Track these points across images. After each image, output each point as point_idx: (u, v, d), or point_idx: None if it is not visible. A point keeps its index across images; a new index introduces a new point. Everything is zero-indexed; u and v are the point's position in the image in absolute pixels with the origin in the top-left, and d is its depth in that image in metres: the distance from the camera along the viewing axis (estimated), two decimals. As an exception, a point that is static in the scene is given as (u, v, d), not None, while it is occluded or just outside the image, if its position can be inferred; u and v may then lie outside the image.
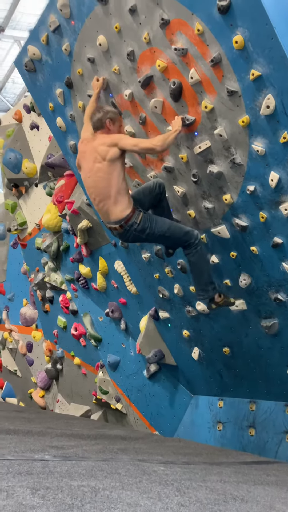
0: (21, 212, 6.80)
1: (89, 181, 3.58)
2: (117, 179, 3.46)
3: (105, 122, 3.56)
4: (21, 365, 7.71)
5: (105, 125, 3.57)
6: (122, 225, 3.48)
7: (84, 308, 5.99)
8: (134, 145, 3.42)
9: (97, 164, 3.49)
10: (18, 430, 3.80)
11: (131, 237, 3.56)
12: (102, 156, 3.46)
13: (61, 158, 5.55)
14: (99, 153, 3.47)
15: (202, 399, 4.70)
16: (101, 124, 3.57)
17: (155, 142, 3.38)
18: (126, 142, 3.44)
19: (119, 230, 3.52)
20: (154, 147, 3.37)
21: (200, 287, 3.66)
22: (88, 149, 3.58)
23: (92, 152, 3.53)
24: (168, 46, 3.37)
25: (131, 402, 5.46)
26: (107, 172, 3.46)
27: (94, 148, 3.52)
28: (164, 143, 3.37)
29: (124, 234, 3.55)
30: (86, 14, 3.78)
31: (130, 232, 3.51)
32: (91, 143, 3.60)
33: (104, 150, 3.45)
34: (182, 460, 3.13)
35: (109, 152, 3.44)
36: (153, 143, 3.37)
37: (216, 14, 3.01)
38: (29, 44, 4.34)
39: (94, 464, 2.50)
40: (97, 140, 3.55)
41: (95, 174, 3.51)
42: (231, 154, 3.36)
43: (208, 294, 3.65)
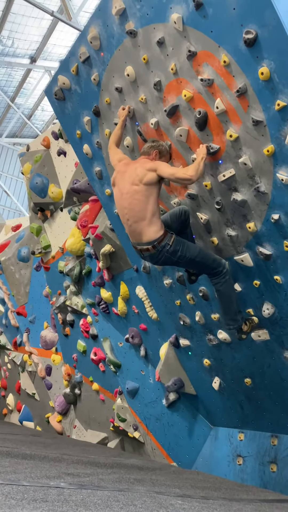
0: (45, 236, 6.91)
1: (124, 202, 3.64)
2: (153, 202, 3.55)
3: (153, 151, 3.69)
4: (40, 388, 7.68)
5: (151, 153, 3.69)
6: (155, 246, 3.52)
7: (104, 332, 5.97)
8: (171, 174, 3.49)
9: (135, 187, 3.57)
10: (34, 455, 3.76)
11: (162, 258, 3.58)
12: (140, 178, 3.54)
13: (86, 183, 5.65)
14: (138, 175, 3.56)
15: (222, 431, 4.58)
16: (148, 151, 3.71)
17: (189, 172, 3.42)
18: (165, 170, 3.51)
19: (151, 251, 3.54)
20: (190, 178, 3.42)
21: (230, 317, 3.67)
22: (129, 170, 3.67)
23: (132, 173, 3.62)
24: (194, 77, 3.44)
25: (149, 431, 5.35)
26: (144, 195, 3.53)
27: (134, 170, 3.61)
28: (197, 173, 3.42)
29: (155, 256, 3.57)
30: (115, 46, 3.91)
31: (162, 254, 3.54)
32: (132, 165, 3.70)
33: (142, 173, 3.54)
34: (200, 494, 3.02)
35: (147, 176, 3.52)
36: (189, 174, 3.41)
37: (242, 46, 3.07)
38: (60, 74, 4.50)
39: (110, 494, 2.44)
40: (138, 163, 3.66)
41: (132, 196, 3.57)
42: (255, 182, 3.37)
43: (238, 324, 3.67)
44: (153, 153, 3.68)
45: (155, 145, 3.72)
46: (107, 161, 4.51)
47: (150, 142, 3.78)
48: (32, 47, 14.67)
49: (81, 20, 12.72)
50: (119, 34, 3.83)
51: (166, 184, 4.00)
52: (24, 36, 13.82)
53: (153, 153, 3.68)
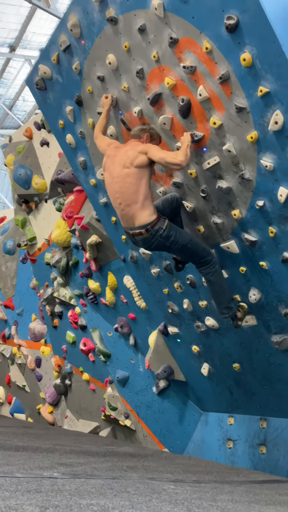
0: (30, 228, 6.85)
1: (116, 186, 3.60)
2: (145, 185, 3.53)
3: (144, 134, 3.64)
4: (30, 380, 7.68)
5: (142, 137, 3.64)
6: (148, 229, 3.50)
7: (93, 323, 5.98)
8: (161, 158, 3.46)
9: (126, 170, 3.53)
10: (27, 447, 3.77)
11: (155, 243, 3.57)
12: (131, 161, 3.51)
13: (70, 174, 5.61)
14: (129, 157, 3.53)
15: (212, 416, 4.64)
16: (139, 134, 3.66)
17: (179, 157, 3.41)
18: (155, 154, 3.48)
19: (144, 235, 3.52)
20: (180, 163, 3.40)
21: (224, 305, 3.70)
22: (119, 153, 3.64)
23: (122, 156, 3.58)
24: (176, 64, 3.42)
25: (140, 418, 5.40)
26: (136, 177, 3.50)
27: (125, 153, 3.58)
28: (186, 158, 3.42)
29: (148, 240, 3.55)
30: (96, 33, 3.86)
31: (155, 238, 3.53)
32: (123, 148, 3.67)
33: (133, 155, 3.51)
34: (192, 478, 3.08)
35: (138, 158, 3.49)
36: (178, 158, 3.40)
37: (224, 32, 3.06)
38: (40, 63, 4.43)
39: (103, 482, 2.47)
40: (128, 146, 3.63)
41: (123, 179, 3.54)
42: (240, 169, 3.38)
43: (233, 311, 3.70)
44: (144, 136, 3.64)
45: (146, 128, 3.67)
46: (91, 151, 4.47)
47: (141, 125, 3.73)
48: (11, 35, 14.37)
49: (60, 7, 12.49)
50: (100, 21, 3.78)
51: (152, 173, 3.99)
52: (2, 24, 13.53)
53: (144, 136, 3.64)
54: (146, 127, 3.69)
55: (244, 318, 3.76)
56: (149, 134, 3.65)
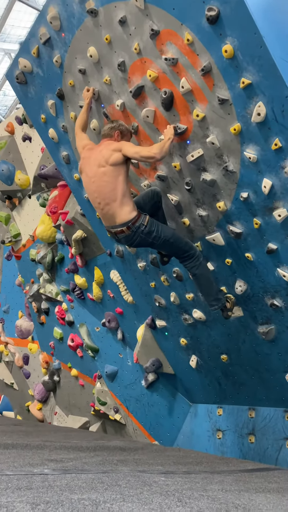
0: (14, 224, 6.79)
1: (93, 186, 3.60)
2: (122, 182, 3.51)
3: (114, 132, 3.63)
4: (18, 378, 7.64)
5: (113, 135, 3.63)
6: (129, 227, 3.49)
7: (80, 319, 5.96)
8: (136, 152, 3.47)
9: (102, 169, 3.53)
10: (16, 444, 3.76)
11: (138, 240, 3.57)
12: (106, 160, 3.50)
13: (54, 169, 5.56)
14: (103, 156, 3.52)
15: (201, 408, 4.68)
16: (109, 133, 3.65)
17: (153, 150, 3.42)
18: (128, 149, 3.49)
19: (126, 233, 3.52)
20: (153, 155, 3.41)
21: (213, 297, 3.70)
22: (93, 154, 3.63)
23: (97, 156, 3.58)
24: (158, 56, 3.40)
25: (129, 412, 5.41)
26: (112, 176, 3.50)
27: (99, 153, 3.57)
28: (161, 151, 3.41)
29: (130, 237, 3.55)
30: (76, 26, 3.81)
31: (137, 235, 3.52)
32: (96, 148, 3.66)
33: (108, 154, 3.50)
34: (183, 469, 3.10)
35: (113, 156, 3.49)
36: (153, 152, 3.41)
37: (205, 24, 3.04)
38: (20, 56, 4.36)
39: (94, 476, 2.47)
40: (102, 145, 3.62)
41: (100, 178, 3.53)
42: (223, 161, 3.38)
43: (222, 302, 3.71)
44: (115, 134, 3.64)
45: (115, 125, 3.67)
46: (74, 145, 4.43)
47: (110, 123, 3.74)
48: (-11, 29, 14.11)
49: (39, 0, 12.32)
50: (80, 13, 3.73)
51: (135, 166, 3.97)
52: (-20, 18, 13.29)
53: (115, 134, 3.64)
54: (115, 124, 3.68)
55: (233, 308, 3.78)
56: (119, 131, 3.64)
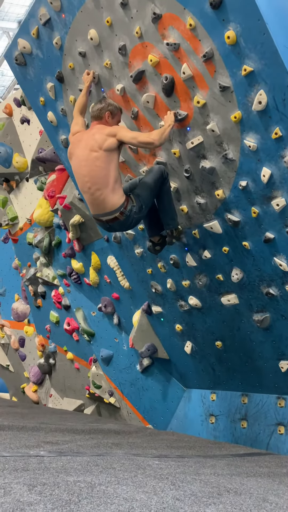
0: (12, 207, 6.76)
1: (84, 170, 3.51)
2: (115, 168, 3.47)
3: (104, 114, 3.55)
4: (14, 360, 7.70)
5: (104, 117, 3.56)
6: (122, 212, 3.47)
7: (76, 303, 5.99)
8: (133, 137, 3.42)
9: (94, 153, 3.44)
10: (12, 426, 3.81)
11: (133, 221, 3.57)
12: (99, 145, 3.43)
13: (52, 152, 5.52)
14: (96, 141, 3.44)
15: (194, 393, 4.75)
16: (99, 114, 3.56)
17: (153, 136, 3.38)
18: (125, 134, 3.43)
19: (120, 218, 3.49)
20: (152, 141, 3.38)
21: (171, 216, 3.78)
22: (84, 138, 3.55)
23: (89, 140, 3.50)
24: (160, 41, 3.36)
25: (124, 396, 5.48)
26: (105, 161, 3.43)
27: (91, 136, 3.50)
28: (161, 138, 3.38)
29: (126, 221, 3.53)
30: (77, 7, 3.75)
31: (131, 217, 3.52)
32: (88, 132, 3.59)
33: (101, 139, 3.43)
34: (176, 453, 3.16)
35: (107, 141, 3.42)
36: (151, 137, 3.38)
37: (208, 9, 3.00)
38: (19, 37, 4.29)
39: (89, 459, 2.52)
40: (94, 129, 3.54)
41: (92, 163, 3.45)
42: (223, 149, 3.37)
43: (176, 222, 3.81)
44: (106, 115, 3.55)
45: (104, 106, 3.56)
46: (73, 129, 4.39)
47: (98, 103, 3.62)
48: (-13, 6, 13.84)
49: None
50: (81, -6, 3.66)
51: (134, 152, 3.95)
52: (-22, -5, 13.01)
53: (105, 116, 3.55)
54: (104, 104, 3.57)
55: (179, 238, 3.89)
56: (109, 112, 3.56)
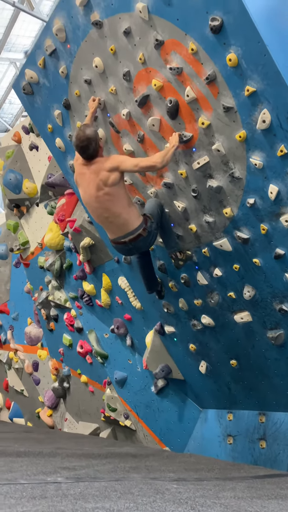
0: (23, 232, 6.84)
1: (97, 204, 3.65)
2: (124, 193, 3.62)
3: (98, 149, 3.63)
4: (28, 384, 7.68)
5: (99, 152, 3.65)
6: (145, 228, 3.63)
7: (89, 325, 5.99)
8: (135, 165, 3.50)
9: (102, 191, 3.56)
10: (29, 452, 3.79)
11: (153, 236, 3.73)
12: (104, 182, 3.54)
13: (61, 177, 5.61)
14: (101, 179, 3.54)
15: (211, 413, 4.68)
16: (96, 153, 3.60)
17: (155, 159, 3.45)
18: (127, 165, 3.52)
19: (143, 235, 3.64)
20: (154, 164, 3.45)
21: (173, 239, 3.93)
22: (87, 175, 3.63)
23: (93, 176, 3.58)
24: (163, 66, 3.44)
25: (139, 418, 5.43)
26: (114, 195, 3.56)
27: (95, 173, 3.57)
28: (163, 160, 3.44)
29: (148, 237, 3.68)
30: (81, 37, 3.86)
31: (152, 232, 3.69)
32: (88, 169, 3.64)
33: (105, 176, 3.53)
34: (194, 476, 3.11)
35: (111, 177, 3.52)
36: (153, 161, 3.45)
37: (209, 33, 3.08)
38: (27, 68, 4.42)
39: (107, 484, 2.49)
40: (93, 166, 3.59)
41: (103, 198, 3.58)
42: (229, 168, 3.41)
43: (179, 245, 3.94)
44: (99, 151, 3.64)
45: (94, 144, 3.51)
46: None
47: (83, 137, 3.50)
48: (-6, 38, 14.27)
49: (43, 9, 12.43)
50: (85, 25, 3.78)
51: (142, 174, 4.00)
52: (-14, 28, 13.43)
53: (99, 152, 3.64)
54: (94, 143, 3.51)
55: (185, 260, 3.95)
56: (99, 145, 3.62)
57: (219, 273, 3.86)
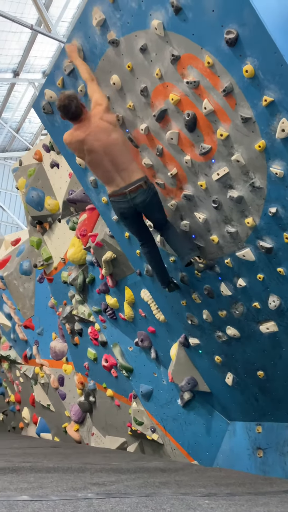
0: (46, 248, 6.94)
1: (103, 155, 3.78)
2: (126, 145, 3.85)
3: (81, 107, 3.82)
4: (54, 399, 7.71)
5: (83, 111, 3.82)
6: (146, 181, 3.78)
7: (113, 338, 6.00)
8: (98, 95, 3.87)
9: (105, 134, 3.75)
10: (58, 468, 3.79)
11: (150, 196, 3.81)
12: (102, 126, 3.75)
13: (82, 193, 5.69)
14: (98, 126, 3.76)
15: (239, 425, 4.61)
16: (79, 110, 3.80)
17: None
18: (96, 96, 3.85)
19: (144, 187, 3.76)
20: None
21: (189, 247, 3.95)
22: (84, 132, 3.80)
23: (90, 130, 3.78)
24: (180, 80, 3.48)
25: (167, 431, 5.38)
26: (118, 138, 3.77)
27: (89, 126, 3.79)
28: None
29: (146, 192, 3.78)
30: (98, 56, 3.95)
31: (150, 190, 3.81)
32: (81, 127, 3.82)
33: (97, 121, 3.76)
34: (226, 491, 3.06)
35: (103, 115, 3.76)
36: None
37: (224, 46, 3.11)
38: (46, 88, 4.53)
39: (138, 500, 2.47)
40: (85, 120, 3.80)
41: (119, 145, 3.77)
42: (250, 178, 3.40)
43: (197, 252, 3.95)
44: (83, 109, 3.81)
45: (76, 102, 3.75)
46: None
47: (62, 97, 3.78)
48: (14, 61, 14.70)
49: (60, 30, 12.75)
50: (102, 44, 3.86)
51: (161, 187, 4.03)
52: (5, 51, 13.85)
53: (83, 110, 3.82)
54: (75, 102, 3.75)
55: (205, 264, 3.93)
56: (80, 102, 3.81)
57: (243, 283, 3.84)
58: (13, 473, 3.51)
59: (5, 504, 2.23)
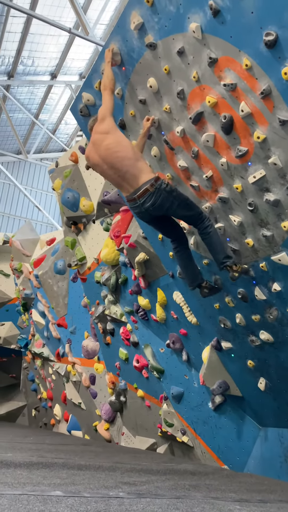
0: (80, 248, 7.05)
1: (106, 161, 3.81)
2: (130, 146, 3.77)
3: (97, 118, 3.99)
4: (85, 397, 7.81)
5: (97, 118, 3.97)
6: (152, 184, 3.68)
7: (144, 339, 6.03)
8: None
9: (106, 141, 3.78)
10: (89, 466, 3.84)
11: (160, 197, 3.69)
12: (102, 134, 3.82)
13: (116, 194, 5.75)
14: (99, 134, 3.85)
15: (271, 431, 4.54)
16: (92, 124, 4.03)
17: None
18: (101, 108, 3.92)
19: (150, 190, 3.67)
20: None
21: (224, 255, 3.87)
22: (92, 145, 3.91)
23: (94, 142, 3.88)
24: (217, 83, 3.47)
25: (197, 434, 5.36)
26: (116, 141, 3.77)
27: (92, 140, 3.90)
28: None
29: (154, 194, 3.68)
30: (136, 59, 3.98)
31: (160, 191, 3.68)
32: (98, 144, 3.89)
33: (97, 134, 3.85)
34: (257, 498, 3.02)
35: (102, 125, 3.83)
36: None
37: (263, 48, 3.08)
38: (84, 91, 4.61)
39: (168, 502, 2.48)
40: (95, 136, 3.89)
41: (113, 149, 3.77)
42: (287, 181, 3.35)
43: (233, 259, 3.87)
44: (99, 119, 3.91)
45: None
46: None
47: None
48: (51, 63, 14.99)
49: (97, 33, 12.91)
50: (139, 47, 3.90)
51: (196, 189, 4.02)
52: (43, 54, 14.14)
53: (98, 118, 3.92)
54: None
55: (240, 272, 3.87)
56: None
57: (278, 288, 3.78)
58: (46, 468, 3.59)
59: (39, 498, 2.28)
